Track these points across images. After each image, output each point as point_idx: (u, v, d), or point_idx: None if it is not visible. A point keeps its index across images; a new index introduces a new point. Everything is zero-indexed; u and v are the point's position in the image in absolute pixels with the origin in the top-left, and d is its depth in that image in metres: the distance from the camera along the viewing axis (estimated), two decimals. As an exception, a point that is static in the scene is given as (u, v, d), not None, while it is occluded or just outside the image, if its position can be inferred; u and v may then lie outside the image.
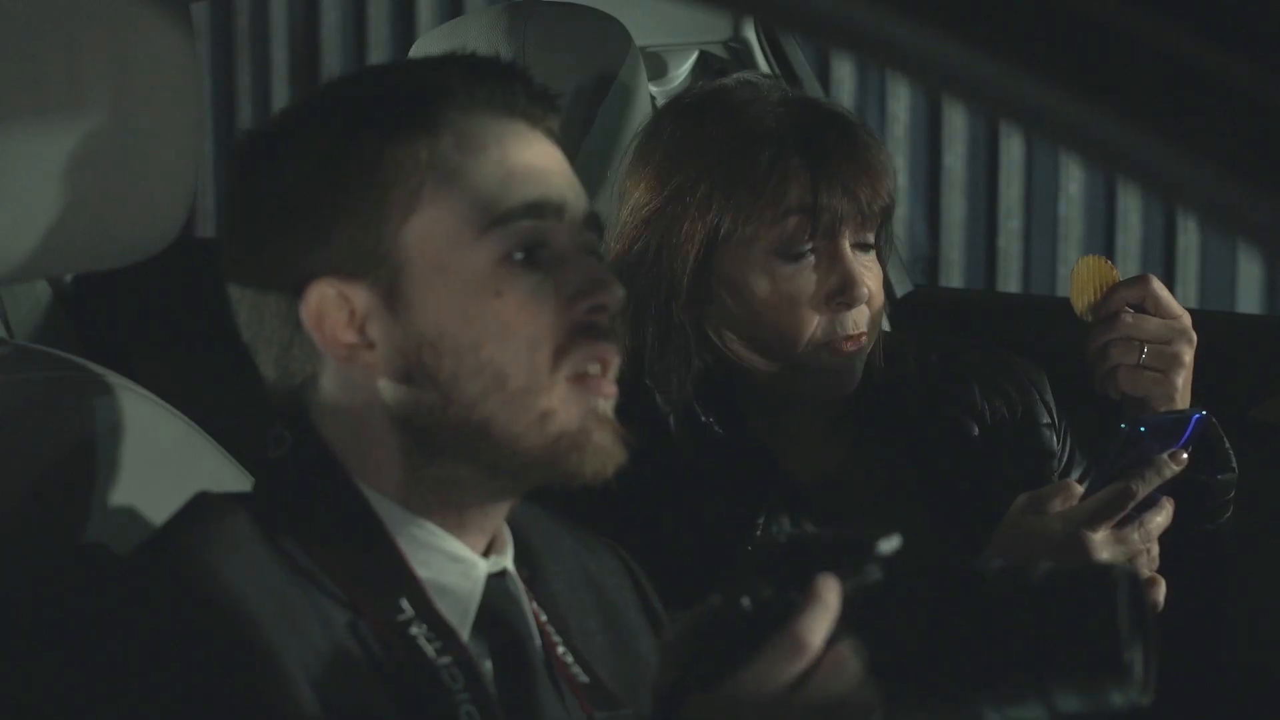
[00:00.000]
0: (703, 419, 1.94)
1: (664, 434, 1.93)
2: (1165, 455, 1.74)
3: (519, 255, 1.34)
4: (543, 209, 1.36)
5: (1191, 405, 1.94)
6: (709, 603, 1.23)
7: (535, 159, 1.38)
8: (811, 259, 1.91)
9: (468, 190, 1.34)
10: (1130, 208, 4.97)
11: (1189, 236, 4.92)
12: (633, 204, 1.96)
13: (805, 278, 1.91)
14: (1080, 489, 1.77)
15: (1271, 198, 0.89)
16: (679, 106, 2.02)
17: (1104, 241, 5.00)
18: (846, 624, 1.20)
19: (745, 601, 1.20)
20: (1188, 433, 1.75)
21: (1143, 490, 1.74)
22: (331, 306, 1.34)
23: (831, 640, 1.19)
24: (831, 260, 1.91)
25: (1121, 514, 1.74)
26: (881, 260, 1.98)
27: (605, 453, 1.36)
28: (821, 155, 1.91)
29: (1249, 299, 4.91)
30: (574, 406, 1.34)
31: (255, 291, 1.38)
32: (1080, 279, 1.96)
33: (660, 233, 1.94)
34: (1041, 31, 0.90)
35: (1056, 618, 1.18)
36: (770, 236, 1.90)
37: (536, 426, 1.34)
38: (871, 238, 1.94)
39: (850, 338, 1.92)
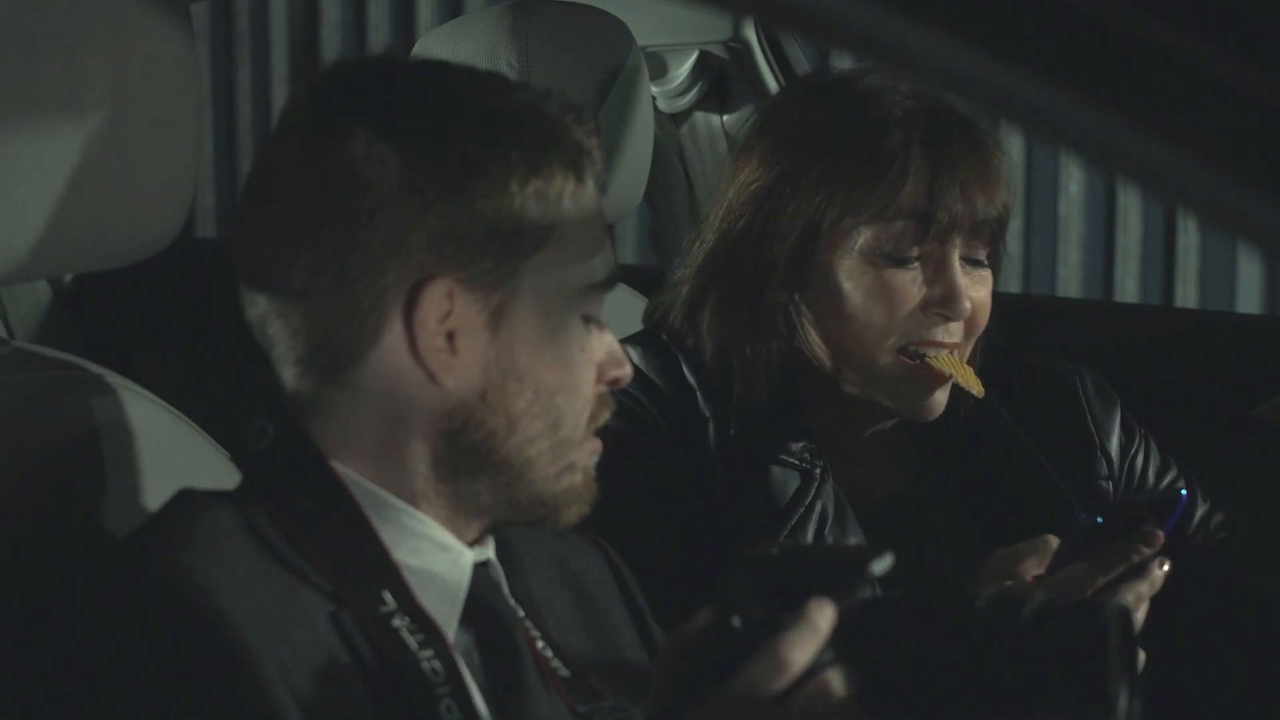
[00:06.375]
0: (735, 432, 1.85)
1: (704, 449, 1.86)
2: (1140, 538, 1.66)
3: (588, 317, 1.41)
4: (614, 282, 1.43)
5: (1179, 473, 1.91)
6: (699, 621, 1.23)
7: (605, 231, 1.44)
8: (917, 265, 1.82)
9: (580, 248, 1.40)
10: (1130, 208, 4.96)
11: (1189, 236, 4.92)
12: (742, 180, 1.86)
13: (908, 283, 1.81)
14: (1054, 545, 1.69)
15: (1271, 198, 0.89)
16: (808, 85, 1.96)
17: (1104, 241, 5.00)
18: (836, 646, 1.20)
19: (736, 621, 1.20)
20: (1175, 515, 1.69)
21: (1103, 579, 1.65)
22: (435, 307, 1.35)
23: (821, 662, 1.20)
24: (938, 269, 1.82)
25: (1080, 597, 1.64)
26: (995, 274, 1.88)
27: (586, 505, 1.43)
28: (945, 153, 1.81)
29: (1249, 299, 4.91)
30: (586, 462, 1.42)
31: (331, 259, 1.34)
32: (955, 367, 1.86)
33: (766, 212, 1.84)
34: (1042, 31, 0.90)
35: (1046, 649, 1.19)
36: (877, 235, 1.80)
37: (562, 475, 1.40)
38: (983, 254, 1.85)
39: (939, 344, 1.82)
